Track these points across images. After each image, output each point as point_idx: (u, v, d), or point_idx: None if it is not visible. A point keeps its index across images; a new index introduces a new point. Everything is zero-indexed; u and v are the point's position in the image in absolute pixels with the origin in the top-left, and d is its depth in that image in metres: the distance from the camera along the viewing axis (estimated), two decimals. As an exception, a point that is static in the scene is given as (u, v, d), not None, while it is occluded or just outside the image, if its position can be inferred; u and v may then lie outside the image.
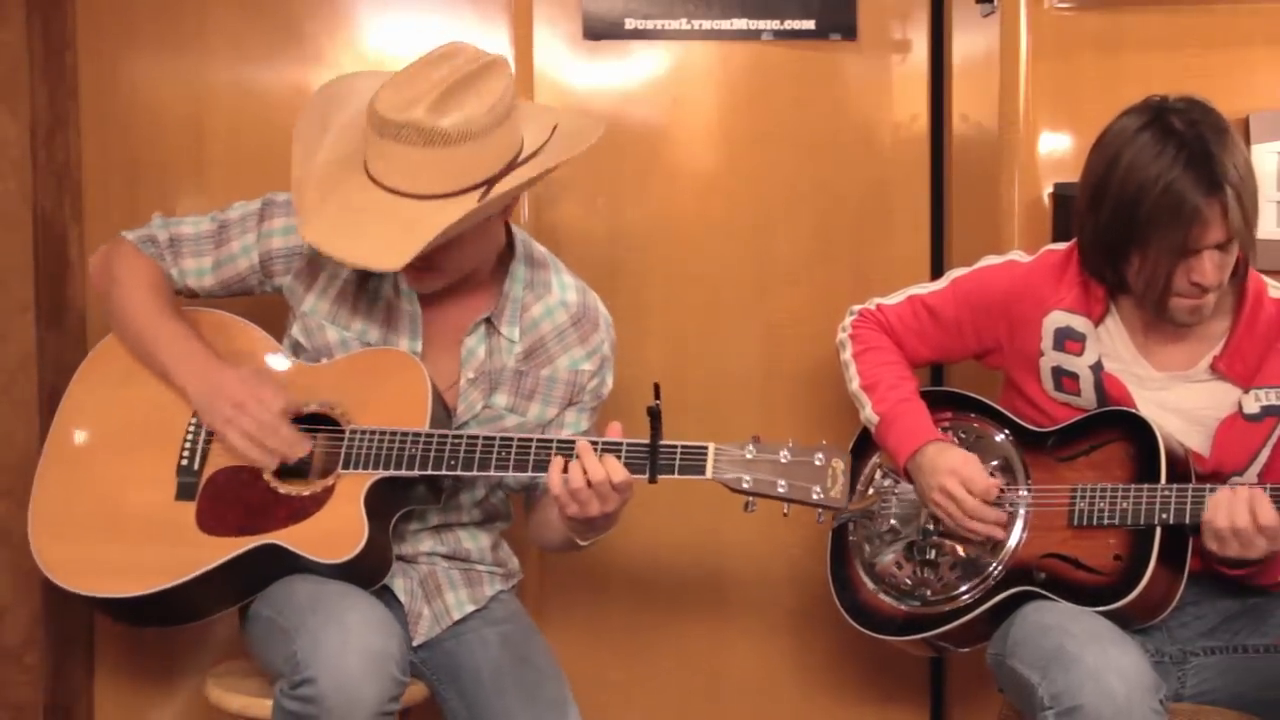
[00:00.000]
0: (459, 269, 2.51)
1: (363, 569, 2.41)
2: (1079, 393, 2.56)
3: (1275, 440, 2.49)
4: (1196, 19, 2.95)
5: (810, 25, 3.10)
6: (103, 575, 2.46)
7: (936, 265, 3.14)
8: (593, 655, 2.97)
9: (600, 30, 3.09)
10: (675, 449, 2.36)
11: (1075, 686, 2.24)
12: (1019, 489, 2.57)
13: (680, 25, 3.09)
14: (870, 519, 2.70)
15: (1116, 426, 2.51)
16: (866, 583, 2.68)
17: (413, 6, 3.07)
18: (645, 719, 3.19)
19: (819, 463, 2.33)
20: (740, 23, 3.09)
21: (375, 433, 2.45)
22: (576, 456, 2.35)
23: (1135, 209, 2.39)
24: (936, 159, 3.15)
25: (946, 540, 2.61)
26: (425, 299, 2.56)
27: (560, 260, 2.68)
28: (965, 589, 2.57)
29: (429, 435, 2.43)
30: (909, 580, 2.64)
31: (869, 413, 2.65)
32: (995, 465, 2.61)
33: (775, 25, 3.10)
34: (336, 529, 2.40)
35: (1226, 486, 2.40)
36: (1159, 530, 2.41)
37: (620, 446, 2.37)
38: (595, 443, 2.37)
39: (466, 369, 2.57)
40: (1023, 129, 2.96)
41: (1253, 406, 2.49)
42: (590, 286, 2.68)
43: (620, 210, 3.13)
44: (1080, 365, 2.56)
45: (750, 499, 2.34)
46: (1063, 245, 2.62)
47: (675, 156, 3.15)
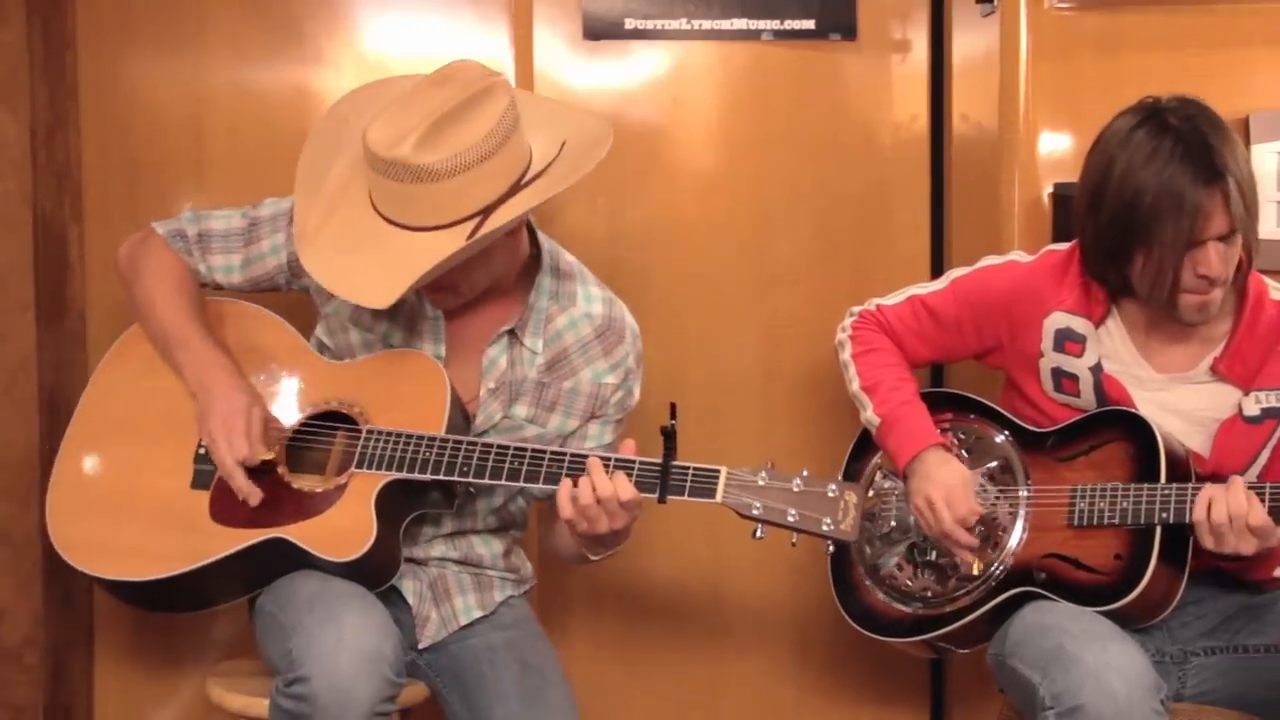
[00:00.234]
0: (472, 289, 2.51)
1: (369, 569, 2.41)
2: (1078, 394, 2.56)
3: (1275, 442, 2.50)
4: (1196, 19, 2.95)
5: (810, 25, 3.10)
6: (113, 558, 2.48)
7: (936, 265, 3.14)
8: (592, 656, 2.97)
9: (600, 30, 3.09)
10: (687, 470, 2.34)
11: (1076, 686, 2.24)
12: (1019, 489, 2.57)
13: (680, 25, 3.09)
14: (871, 520, 2.70)
15: (1116, 426, 2.51)
16: (868, 584, 2.68)
17: (413, 6, 3.07)
18: (643, 718, 3.19)
19: (832, 494, 2.30)
20: (740, 23, 3.09)
21: (391, 434, 2.45)
22: (587, 472, 2.34)
23: (1136, 206, 2.39)
24: (936, 159, 3.14)
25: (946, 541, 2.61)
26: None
27: (588, 271, 2.66)
28: (966, 590, 2.57)
29: (443, 440, 2.43)
30: (910, 582, 2.64)
31: (869, 414, 2.65)
32: (995, 466, 2.61)
33: (775, 25, 3.09)
34: (345, 527, 2.41)
35: (1215, 484, 2.39)
36: (1159, 530, 2.41)
37: (633, 465, 2.35)
38: (607, 459, 2.36)
39: (487, 379, 2.56)
40: (1023, 129, 2.95)
41: (1253, 409, 2.49)
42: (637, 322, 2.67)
43: (620, 210, 3.13)
44: (1080, 366, 2.56)
45: (759, 526, 2.32)
46: (1064, 246, 2.62)
47: (675, 156, 3.15)
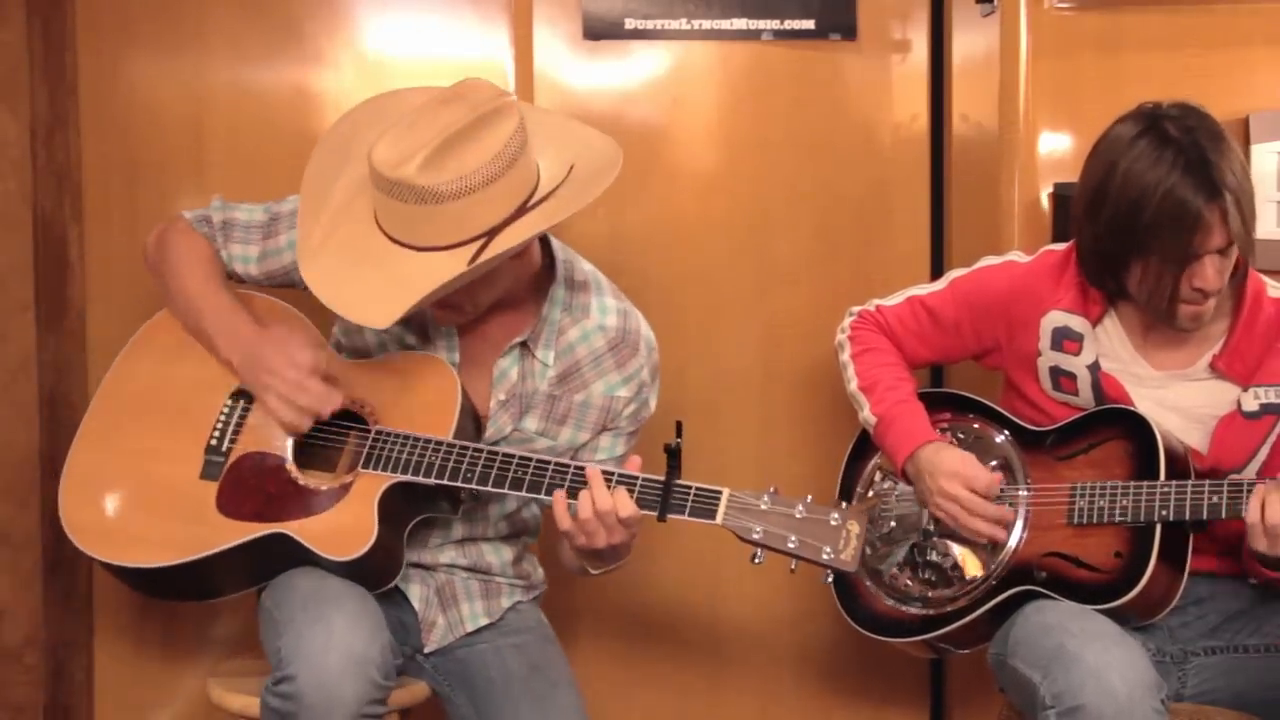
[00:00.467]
0: (476, 308, 2.50)
1: (369, 570, 2.41)
2: (1077, 392, 2.56)
3: (1274, 438, 2.50)
4: (1196, 19, 2.95)
5: (810, 25, 3.10)
6: (119, 544, 2.49)
7: (936, 265, 3.14)
8: (592, 655, 2.97)
9: (600, 30, 3.09)
10: (689, 490, 2.33)
11: (1076, 686, 2.24)
12: (1019, 489, 2.57)
13: (680, 25, 3.09)
14: (870, 522, 2.70)
15: (1115, 424, 2.51)
16: (868, 585, 2.68)
17: (413, 6, 3.07)
18: (645, 719, 3.19)
19: (834, 522, 2.28)
20: (740, 23, 3.09)
21: (399, 436, 2.45)
22: (587, 485, 2.34)
23: (1135, 217, 2.39)
24: (936, 159, 3.15)
25: (947, 541, 2.61)
26: None
27: (606, 280, 2.65)
28: (966, 589, 2.57)
29: (449, 445, 2.42)
30: (910, 582, 2.63)
31: (867, 414, 2.65)
32: (994, 465, 2.60)
33: (775, 25, 3.10)
34: (347, 527, 2.41)
35: (1265, 482, 2.37)
36: (1159, 527, 2.41)
37: (635, 481, 2.35)
38: (610, 474, 2.36)
39: (498, 390, 2.56)
40: (1023, 129, 2.95)
41: (1251, 404, 2.49)
42: (654, 332, 2.66)
43: (620, 210, 3.13)
44: (1078, 365, 2.56)
45: (759, 550, 2.31)
46: (1062, 245, 2.62)
47: (675, 156, 3.15)
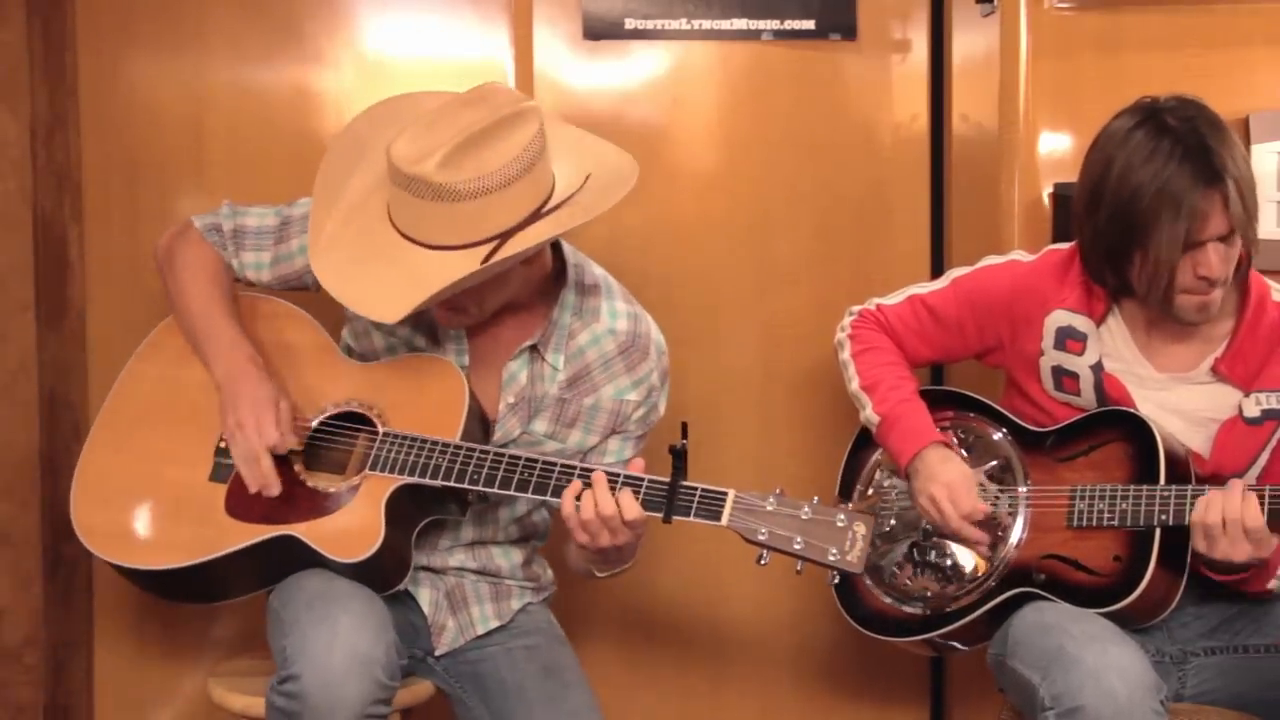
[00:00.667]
0: (482, 312, 2.50)
1: (377, 571, 2.42)
2: (1079, 392, 2.56)
3: (1275, 444, 2.50)
4: (1196, 19, 2.95)
5: (810, 25, 3.10)
6: (128, 546, 2.50)
7: (936, 265, 3.14)
8: (593, 656, 2.97)
9: (600, 30, 3.09)
10: (695, 491, 2.33)
11: (1076, 687, 2.24)
12: (1019, 488, 2.57)
13: (680, 25, 3.09)
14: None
15: (1116, 426, 2.51)
16: (868, 584, 2.67)
17: (413, 6, 3.07)
18: (646, 718, 3.19)
19: (840, 524, 2.27)
20: (740, 23, 3.09)
21: (406, 439, 2.45)
22: (591, 486, 2.34)
23: (1134, 207, 2.38)
24: (936, 159, 3.14)
25: (947, 541, 2.61)
26: None
27: (616, 284, 2.65)
28: (966, 589, 2.57)
29: (456, 448, 2.43)
30: (910, 581, 2.63)
31: (869, 413, 2.65)
32: (994, 465, 2.61)
33: (775, 25, 3.09)
34: (354, 529, 2.41)
35: (1217, 488, 2.39)
36: (1158, 531, 2.41)
37: (640, 482, 2.35)
38: (615, 476, 2.35)
39: (507, 393, 2.56)
40: (1023, 129, 2.95)
41: (1253, 410, 2.48)
42: (664, 336, 2.66)
43: (620, 210, 3.08)
44: (1081, 365, 2.56)
45: (764, 551, 2.30)
46: (1065, 245, 2.62)
47: (675, 156, 3.15)
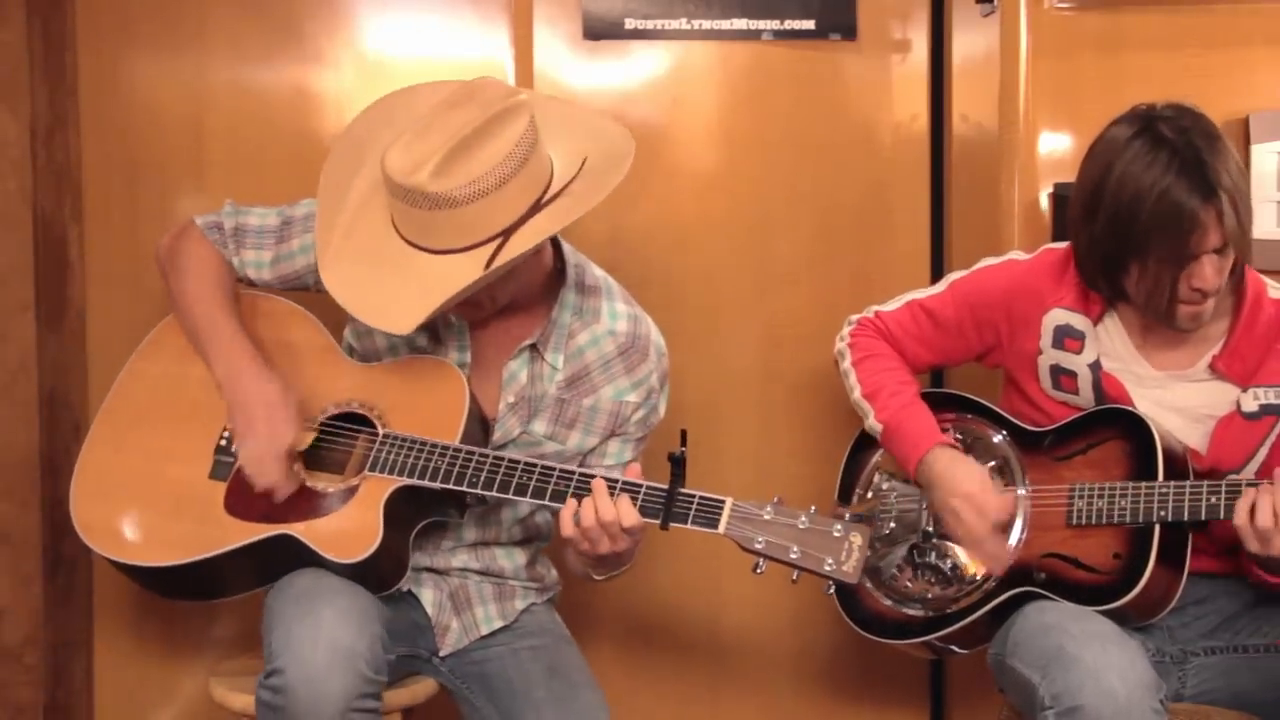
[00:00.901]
0: (495, 303, 2.51)
1: (374, 572, 2.42)
2: (1077, 391, 2.56)
3: (1274, 438, 2.50)
4: (1196, 19, 2.95)
5: (810, 25, 3.10)
6: (127, 542, 2.50)
7: (936, 265, 3.14)
8: (592, 656, 2.96)
9: (600, 30, 3.09)
10: (693, 498, 2.33)
11: (1075, 686, 2.24)
12: (1017, 489, 2.57)
13: (680, 25, 3.09)
14: (870, 522, 2.70)
15: (1113, 425, 2.51)
16: (868, 586, 2.67)
17: (413, 6, 3.07)
18: (644, 714, 3.19)
19: (837, 534, 2.27)
20: (740, 23, 3.09)
21: (406, 440, 2.45)
22: (591, 493, 2.34)
23: (1132, 219, 2.39)
24: (936, 159, 3.14)
25: (947, 543, 2.61)
26: None
27: (617, 286, 2.66)
28: (966, 591, 2.56)
29: (455, 450, 2.43)
30: (910, 583, 2.63)
31: (872, 421, 2.65)
32: (993, 466, 2.60)
33: (775, 25, 3.10)
34: (352, 529, 2.41)
35: (1252, 486, 2.37)
36: (1157, 528, 2.41)
37: (639, 489, 2.35)
38: (614, 483, 2.35)
39: (507, 393, 2.56)
40: (1023, 129, 2.95)
41: (1251, 405, 2.49)
42: (664, 339, 2.66)
43: (620, 210, 3.13)
44: (1079, 363, 2.56)
45: (761, 560, 2.30)
46: (1062, 244, 2.62)
47: (675, 156, 3.15)
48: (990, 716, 2.74)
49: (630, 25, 3.08)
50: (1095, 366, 2.55)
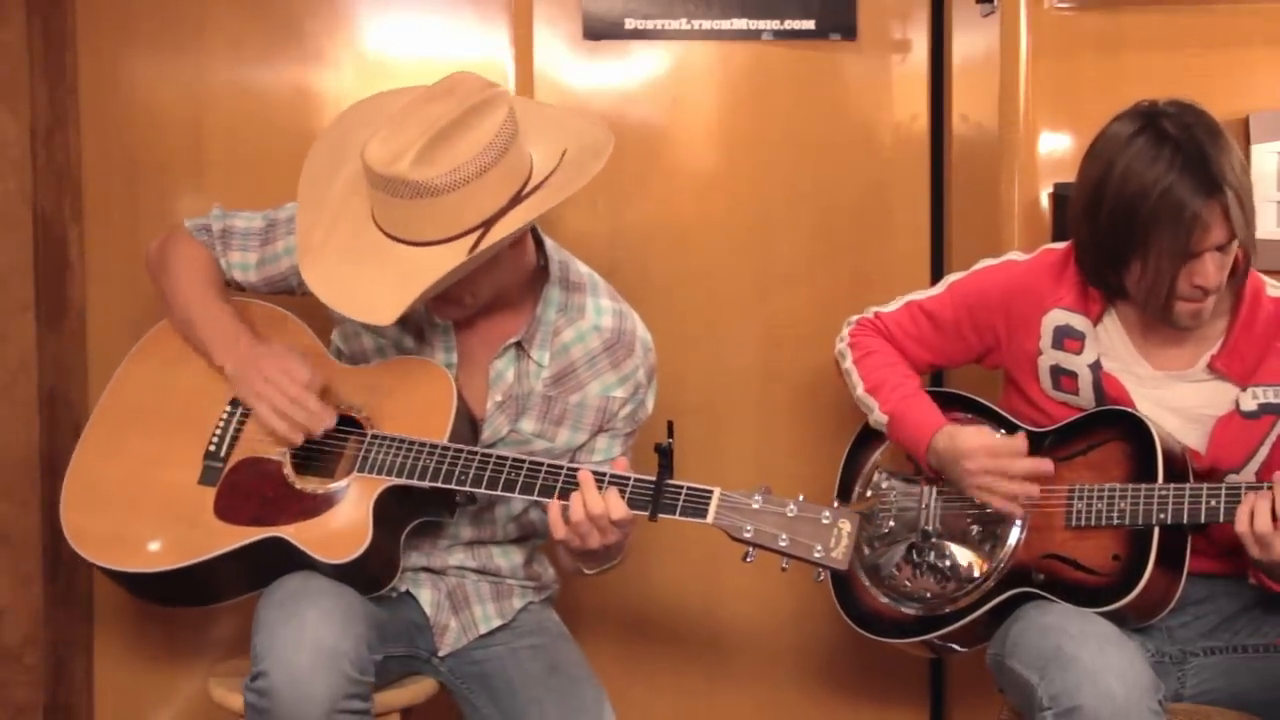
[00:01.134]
0: (476, 300, 2.50)
1: (365, 573, 2.42)
2: (1077, 392, 2.56)
3: (1274, 438, 2.50)
4: (1196, 19, 2.95)
5: (810, 25, 3.10)
6: (116, 548, 2.50)
7: (936, 266, 3.14)
8: (591, 656, 2.96)
9: (600, 30, 3.09)
10: (680, 490, 2.33)
11: (1074, 687, 2.24)
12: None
13: (680, 25, 3.09)
14: (869, 521, 2.70)
15: (1113, 426, 2.51)
16: (867, 585, 2.68)
17: (413, 6, 3.07)
18: (644, 718, 3.19)
19: (825, 521, 2.28)
20: (740, 23, 3.09)
21: (394, 440, 2.45)
22: (579, 487, 2.34)
23: (1134, 215, 2.38)
24: (936, 159, 3.14)
25: (946, 542, 2.61)
26: None
27: (603, 281, 2.65)
28: (965, 590, 2.57)
29: (444, 449, 2.43)
30: (909, 582, 2.63)
31: (877, 415, 2.65)
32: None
33: (775, 25, 3.10)
34: (341, 530, 2.41)
35: (1252, 490, 2.37)
36: (1157, 530, 2.41)
37: (626, 481, 2.35)
38: (601, 476, 2.36)
39: (494, 392, 2.56)
40: (1023, 129, 2.95)
41: (1250, 404, 2.48)
42: (650, 334, 2.66)
43: (620, 210, 3.13)
44: (1079, 364, 2.55)
45: (750, 549, 2.31)
46: (1061, 244, 2.62)
47: (675, 156, 3.15)
48: (990, 716, 2.74)
49: (630, 25, 3.08)
50: (1095, 367, 2.55)
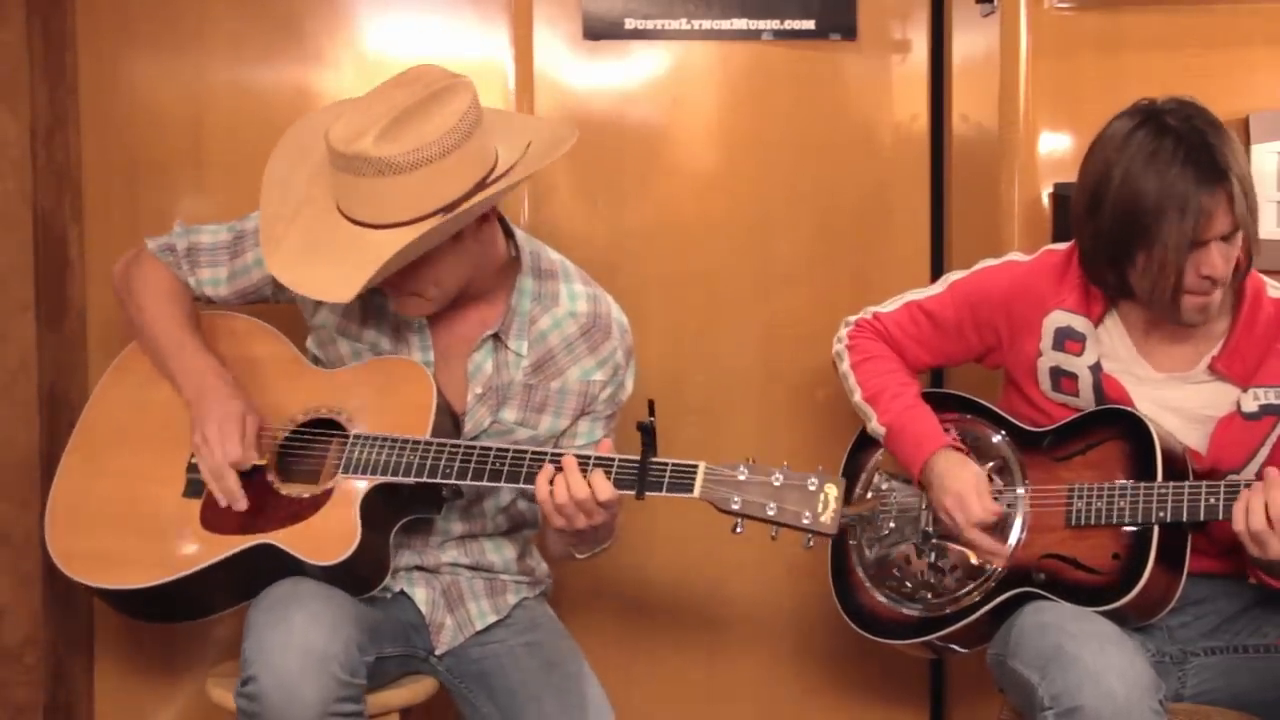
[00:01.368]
0: (442, 292, 2.50)
1: (356, 573, 2.42)
2: (1077, 393, 2.56)
3: (1275, 439, 2.50)
4: (1196, 19, 2.95)
5: (810, 25, 3.10)
6: (105, 567, 2.49)
7: (936, 266, 3.13)
8: (591, 655, 2.97)
9: (600, 30, 3.09)
10: (665, 466, 2.34)
11: (1074, 687, 2.24)
12: (1016, 489, 2.57)
13: (680, 25, 3.09)
14: (870, 522, 2.70)
15: (1112, 425, 2.51)
16: (867, 586, 2.68)
17: (413, 6, 3.07)
18: (643, 718, 3.19)
19: (812, 487, 2.29)
20: (740, 23, 3.09)
21: (376, 439, 2.46)
22: (563, 471, 2.34)
23: (1138, 208, 2.38)
24: (936, 159, 3.14)
25: (947, 542, 2.61)
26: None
27: (574, 267, 2.66)
28: (965, 591, 2.57)
29: (427, 444, 2.44)
30: (910, 583, 2.63)
31: (875, 425, 2.65)
32: (992, 466, 2.60)
33: (775, 25, 3.10)
34: (330, 532, 2.41)
35: (1248, 488, 2.37)
36: (1156, 529, 2.41)
37: (611, 463, 2.36)
38: (585, 459, 2.36)
39: (474, 384, 2.57)
40: (1023, 129, 2.95)
41: (1251, 405, 2.48)
42: (626, 316, 2.66)
43: (620, 210, 3.13)
44: (1079, 365, 2.55)
45: (739, 520, 2.31)
46: (1063, 245, 2.62)
47: (675, 156, 3.15)
48: (990, 716, 2.74)
49: (630, 25, 3.08)
50: (1096, 368, 2.54)
